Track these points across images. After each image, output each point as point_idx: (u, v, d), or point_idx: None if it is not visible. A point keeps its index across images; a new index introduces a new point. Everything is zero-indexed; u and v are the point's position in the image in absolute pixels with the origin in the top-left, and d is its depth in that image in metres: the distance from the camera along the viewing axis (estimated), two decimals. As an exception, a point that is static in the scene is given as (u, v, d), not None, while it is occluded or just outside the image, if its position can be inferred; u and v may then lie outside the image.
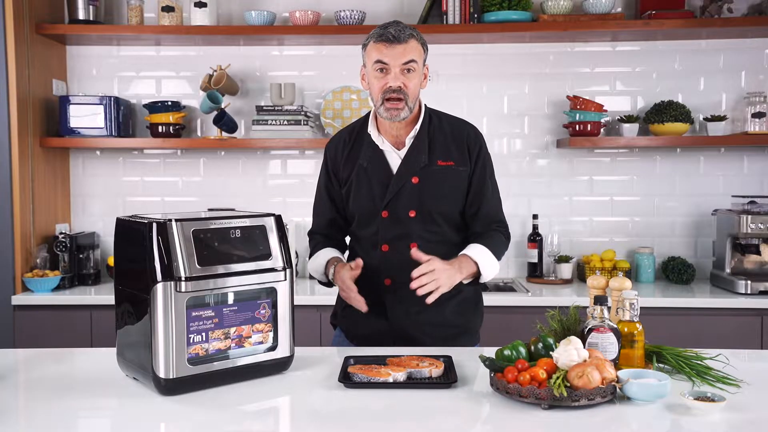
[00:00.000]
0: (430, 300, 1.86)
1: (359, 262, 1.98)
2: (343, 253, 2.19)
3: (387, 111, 1.99)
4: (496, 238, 2.08)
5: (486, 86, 3.57)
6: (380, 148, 2.07)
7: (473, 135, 2.10)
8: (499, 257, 2.07)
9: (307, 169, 3.62)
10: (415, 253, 1.89)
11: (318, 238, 2.20)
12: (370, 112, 2.13)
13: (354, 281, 1.98)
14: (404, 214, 2.02)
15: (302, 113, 3.40)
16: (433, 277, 1.85)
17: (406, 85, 1.97)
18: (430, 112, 2.12)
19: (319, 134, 3.57)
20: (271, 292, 1.68)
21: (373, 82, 2.01)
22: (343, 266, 2.03)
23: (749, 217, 3.09)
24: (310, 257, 2.20)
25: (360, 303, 1.95)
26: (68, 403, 1.52)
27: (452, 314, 2.07)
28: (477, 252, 2.01)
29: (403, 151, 2.06)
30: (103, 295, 3.12)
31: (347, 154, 2.12)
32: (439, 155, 2.05)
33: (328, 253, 2.13)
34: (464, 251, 2.01)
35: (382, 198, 2.03)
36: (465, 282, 2.02)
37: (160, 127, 3.46)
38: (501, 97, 3.57)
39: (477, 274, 2.02)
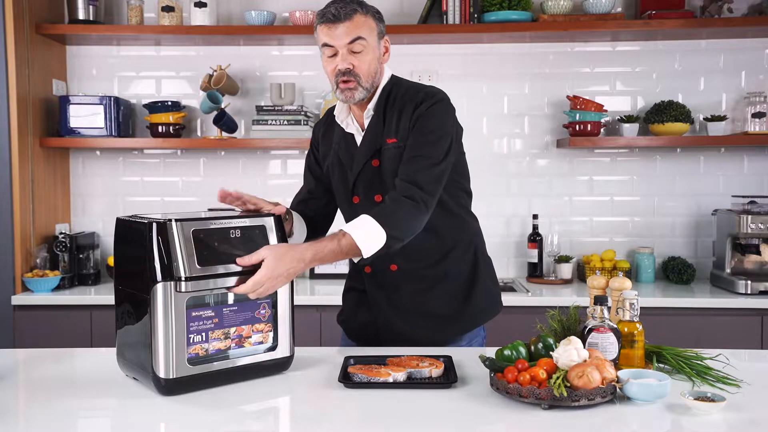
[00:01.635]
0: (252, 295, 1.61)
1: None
2: (315, 232, 2.07)
3: (342, 93, 1.88)
4: (388, 204, 1.78)
5: (486, 86, 3.57)
6: (347, 131, 1.99)
7: (421, 101, 1.87)
8: (392, 226, 1.74)
9: (307, 169, 3.62)
10: (240, 260, 1.60)
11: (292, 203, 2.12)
12: None
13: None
14: (372, 199, 1.93)
15: (302, 113, 3.40)
16: (257, 287, 1.59)
17: (355, 65, 1.84)
18: (393, 83, 1.96)
19: (319, 134, 3.57)
20: (271, 292, 1.67)
21: (325, 66, 1.90)
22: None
23: (749, 217, 3.09)
24: None
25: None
26: (68, 403, 1.52)
27: (436, 303, 1.97)
28: (354, 225, 1.75)
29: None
30: (103, 295, 3.12)
31: (323, 136, 2.07)
32: (389, 133, 1.91)
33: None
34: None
35: (353, 182, 1.96)
36: (360, 258, 1.76)
37: (160, 127, 3.46)
38: (501, 97, 3.57)
39: (357, 250, 1.73)
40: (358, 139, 1.97)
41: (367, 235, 1.73)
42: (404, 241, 1.79)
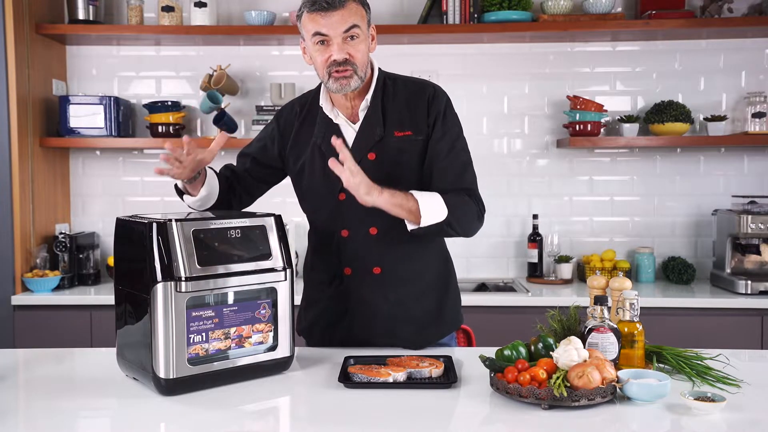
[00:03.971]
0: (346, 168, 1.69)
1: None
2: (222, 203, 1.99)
3: (336, 82, 1.79)
4: (456, 196, 1.82)
5: (486, 86, 3.57)
6: (335, 122, 1.89)
7: (433, 96, 1.88)
8: (454, 213, 1.79)
9: (307, 169, 3.61)
10: (340, 145, 1.69)
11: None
12: (321, 83, 1.91)
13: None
14: None
15: (302, 113, 3.40)
16: (353, 177, 1.68)
17: (351, 54, 1.78)
18: (385, 76, 1.92)
19: (319, 134, 3.57)
20: (272, 292, 1.67)
21: (315, 57, 1.80)
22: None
23: (749, 217, 3.09)
24: None
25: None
26: (68, 403, 1.52)
27: (415, 306, 1.91)
28: (423, 193, 1.79)
29: (359, 125, 1.88)
30: (103, 295, 3.12)
31: (297, 128, 1.95)
32: (395, 125, 1.86)
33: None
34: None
35: (338, 178, 1.78)
36: (409, 224, 1.78)
37: (160, 127, 3.46)
38: (501, 97, 3.57)
39: (416, 215, 1.77)
40: (346, 131, 1.88)
41: (432, 206, 1.77)
42: (456, 232, 1.83)
